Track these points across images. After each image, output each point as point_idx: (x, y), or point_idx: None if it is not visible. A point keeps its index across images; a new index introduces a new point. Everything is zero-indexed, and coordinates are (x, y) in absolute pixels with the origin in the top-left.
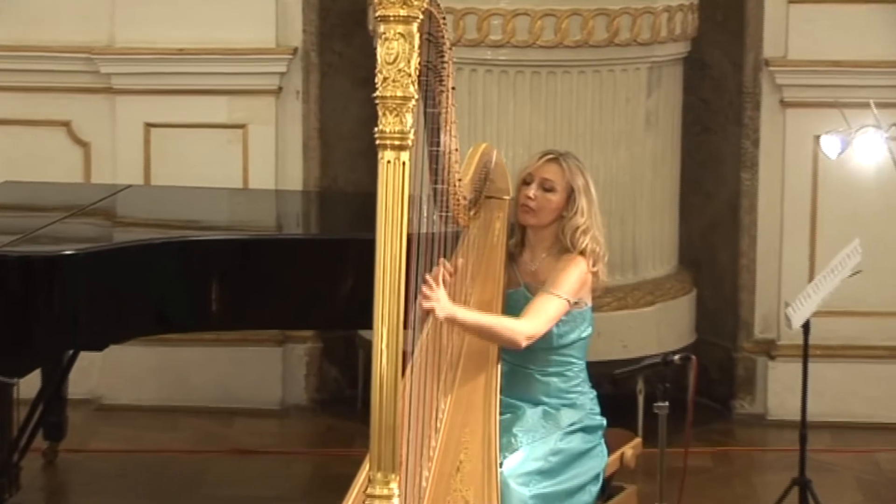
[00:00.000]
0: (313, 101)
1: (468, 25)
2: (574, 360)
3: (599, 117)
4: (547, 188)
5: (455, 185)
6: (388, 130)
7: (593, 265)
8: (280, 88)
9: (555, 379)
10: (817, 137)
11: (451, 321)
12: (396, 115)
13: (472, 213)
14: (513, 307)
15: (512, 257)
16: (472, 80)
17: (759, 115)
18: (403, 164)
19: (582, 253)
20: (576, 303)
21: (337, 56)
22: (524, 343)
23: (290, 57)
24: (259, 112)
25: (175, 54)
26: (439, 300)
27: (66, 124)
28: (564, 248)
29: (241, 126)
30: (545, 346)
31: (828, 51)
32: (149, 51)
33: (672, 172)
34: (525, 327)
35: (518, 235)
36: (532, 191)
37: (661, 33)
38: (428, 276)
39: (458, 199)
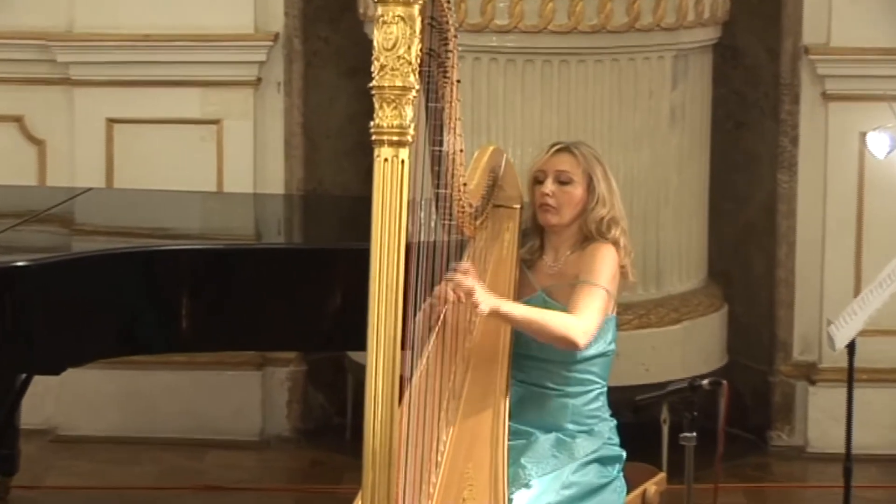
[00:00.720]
0: (296, 93)
1: (471, 8)
2: (595, 379)
3: (619, 112)
4: (564, 181)
5: (460, 191)
6: (385, 125)
7: (620, 256)
8: (259, 79)
9: (573, 400)
10: (863, 134)
11: (496, 315)
12: (395, 108)
13: (478, 222)
14: None
15: (528, 264)
16: (476, 70)
17: (799, 110)
18: (402, 162)
19: (610, 241)
20: None
21: (323, 43)
22: (583, 341)
23: (271, 44)
24: (235, 106)
25: (141, 41)
26: (477, 290)
27: (18, 119)
28: (589, 240)
29: (216, 122)
30: (564, 360)
31: (875, 37)
32: (111, 37)
33: (700, 173)
34: (580, 323)
35: (535, 240)
36: (548, 187)
37: (687, 17)
38: (458, 266)
39: (462, 206)
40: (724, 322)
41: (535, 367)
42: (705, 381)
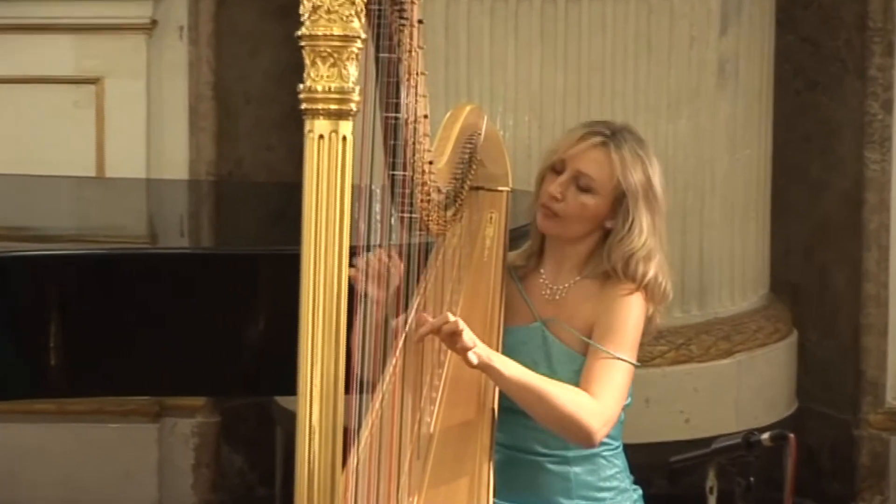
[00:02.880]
0: (205, 41)
1: None
2: (606, 441)
3: (647, 68)
4: (583, 187)
5: (424, 172)
6: (320, 88)
7: (651, 304)
8: (154, 23)
9: (577, 469)
10: None
11: (486, 367)
12: (333, 65)
13: (450, 213)
14: (521, 353)
15: (519, 274)
16: (451, 8)
17: (894, 64)
18: (344, 139)
19: (640, 285)
20: None
21: None
22: (600, 435)
23: None
24: (122, 59)
25: None
26: (465, 331)
27: None
28: (606, 270)
29: (95, 80)
30: None
31: None
32: None
33: (759, 152)
34: (599, 408)
35: (534, 242)
36: (559, 185)
37: None
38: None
39: (428, 193)
40: (792, 355)
41: (520, 423)
42: (766, 436)
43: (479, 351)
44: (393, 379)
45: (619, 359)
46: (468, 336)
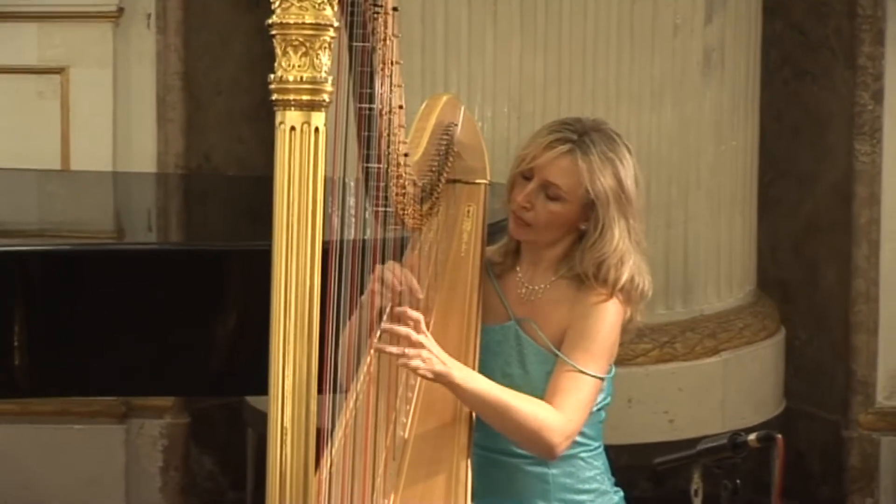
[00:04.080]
0: (173, 30)
1: None
2: (583, 441)
3: (630, 57)
4: (551, 196)
5: (399, 165)
6: (291, 79)
7: (628, 306)
8: (120, 10)
9: (555, 471)
10: None
11: (445, 382)
12: (305, 55)
13: (426, 207)
14: (497, 353)
15: (496, 271)
16: None
17: (884, 53)
18: (316, 131)
19: (613, 290)
20: None
21: None
22: (561, 448)
23: None
24: (87, 48)
25: None
26: (425, 344)
27: None
28: (584, 281)
29: (59, 70)
30: None
31: None
32: None
33: (746, 144)
34: (561, 422)
35: (511, 240)
36: (527, 195)
37: None
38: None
39: (403, 186)
40: (779, 353)
41: (494, 430)
42: (753, 436)
43: (436, 359)
44: (367, 379)
45: (585, 374)
46: (426, 353)
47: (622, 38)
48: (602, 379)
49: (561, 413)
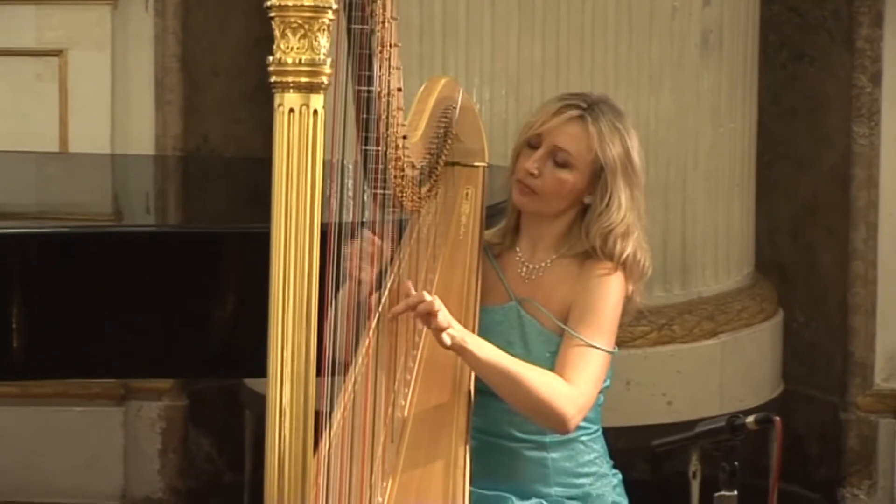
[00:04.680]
0: (171, 12)
1: None
2: (583, 425)
3: (628, 39)
4: (560, 162)
5: (397, 147)
6: (290, 61)
7: (631, 282)
8: None
9: (554, 455)
10: None
11: (459, 349)
12: (303, 37)
13: (424, 189)
14: (498, 334)
15: (495, 252)
16: None
17: (882, 35)
18: (315, 113)
19: (618, 263)
20: None
21: None
22: (574, 421)
23: None
24: (85, 30)
25: None
26: (441, 311)
27: None
28: (584, 249)
29: (58, 53)
30: None
31: None
32: None
33: (744, 126)
34: (575, 394)
35: (510, 219)
36: (536, 161)
37: None
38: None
39: (401, 169)
40: (777, 335)
41: (496, 407)
42: (751, 419)
43: (454, 332)
44: (366, 360)
45: (595, 347)
46: (443, 316)
47: (620, 21)
48: (611, 353)
49: (573, 386)
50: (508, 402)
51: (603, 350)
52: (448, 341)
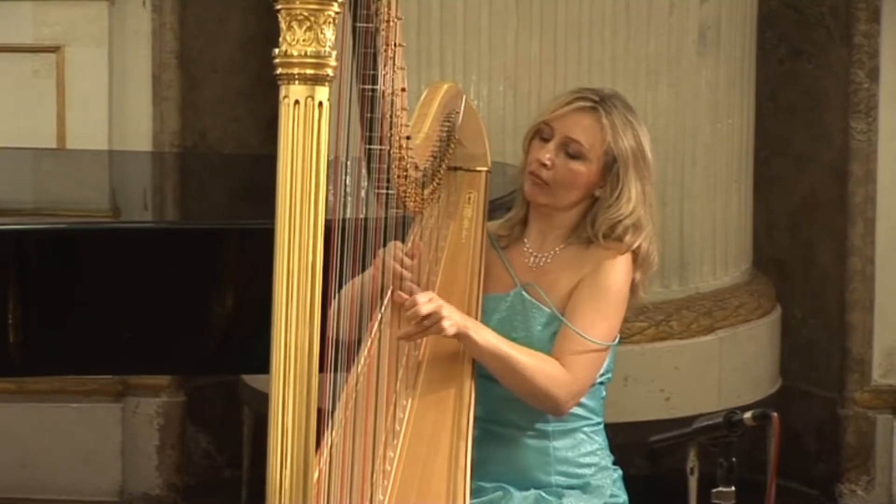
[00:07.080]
0: (169, 8)
1: None
2: (585, 414)
3: (626, 34)
4: (572, 153)
5: (401, 147)
6: (295, 53)
7: (638, 270)
8: None
9: (556, 443)
10: None
11: (462, 335)
12: (309, 30)
13: (427, 191)
14: (502, 318)
15: (502, 243)
16: None
17: (880, 31)
18: (320, 105)
19: (627, 248)
20: None
21: None
22: (567, 407)
23: None
24: (83, 27)
25: None
26: (443, 305)
27: None
28: (595, 242)
29: (55, 49)
30: None
31: None
32: None
33: (742, 122)
34: (570, 381)
35: (519, 210)
36: (549, 153)
37: None
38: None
39: (405, 169)
40: (775, 331)
41: (499, 395)
42: (748, 415)
43: (455, 319)
44: (368, 360)
45: (588, 340)
46: (446, 310)
47: (618, 16)
48: (608, 345)
49: (569, 372)
50: (505, 384)
51: (597, 343)
52: (452, 331)
